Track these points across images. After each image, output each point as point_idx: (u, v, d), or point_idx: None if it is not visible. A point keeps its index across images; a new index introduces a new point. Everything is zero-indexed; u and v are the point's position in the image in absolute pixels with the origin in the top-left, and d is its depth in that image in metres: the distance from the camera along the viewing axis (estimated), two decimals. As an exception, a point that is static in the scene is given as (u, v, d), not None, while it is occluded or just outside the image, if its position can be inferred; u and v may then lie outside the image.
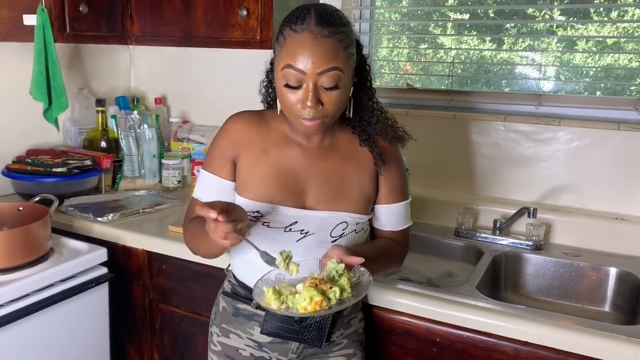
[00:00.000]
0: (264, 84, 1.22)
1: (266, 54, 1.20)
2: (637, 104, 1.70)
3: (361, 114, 1.19)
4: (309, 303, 0.97)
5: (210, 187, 1.20)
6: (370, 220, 1.25)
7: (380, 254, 1.22)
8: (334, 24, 1.04)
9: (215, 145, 1.22)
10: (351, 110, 1.16)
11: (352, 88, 1.12)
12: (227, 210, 0.98)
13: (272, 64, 1.18)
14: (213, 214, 0.96)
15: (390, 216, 1.25)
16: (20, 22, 1.75)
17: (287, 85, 1.06)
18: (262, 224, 1.14)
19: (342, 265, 1.03)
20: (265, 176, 1.16)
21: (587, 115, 1.76)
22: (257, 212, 1.14)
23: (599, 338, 1.15)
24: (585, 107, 1.78)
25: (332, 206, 1.16)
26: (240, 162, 1.19)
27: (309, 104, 1.04)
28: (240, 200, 1.17)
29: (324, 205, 1.16)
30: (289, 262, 1.04)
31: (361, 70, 1.16)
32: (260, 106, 1.27)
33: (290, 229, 1.14)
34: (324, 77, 1.03)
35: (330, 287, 0.99)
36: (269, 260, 1.05)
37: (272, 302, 1.00)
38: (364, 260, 1.04)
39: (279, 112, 1.15)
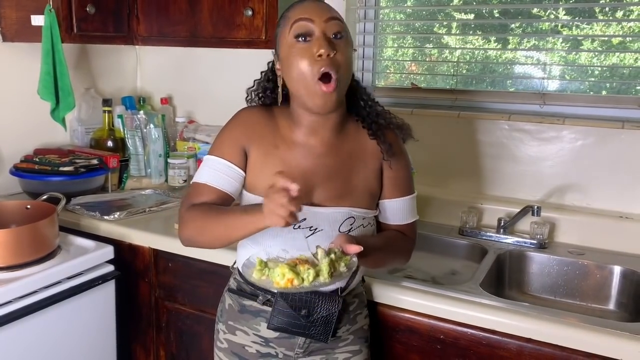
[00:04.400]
0: (262, 83, 1.25)
1: (271, 54, 1.21)
2: (642, 103, 1.70)
3: (362, 103, 1.22)
4: (282, 279, 0.99)
5: (219, 171, 1.18)
6: (376, 216, 1.26)
7: (388, 245, 1.23)
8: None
9: (227, 132, 1.21)
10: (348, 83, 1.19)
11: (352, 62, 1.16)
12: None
13: (271, 63, 1.21)
14: (295, 185, 0.95)
15: (395, 210, 1.25)
16: (28, 22, 1.77)
17: (299, 37, 1.09)
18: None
19: (322, 251, 1.05)
20: (274, 172, 1.17)
21: (591, 114, 1.76)
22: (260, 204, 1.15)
23: (603, 335, 1.15)
24: (589, 106, 1.78)
25: (337, 202, 1.17)
26: (252, 156, 1.19)
27: (322, 49, 1.06)
28: (250, 198, 1.18)
29: (330, 201, 1.17)
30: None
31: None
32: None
33: (300, 226, 1.14)
34: (330, 24, 1.09)
35: (308, 269, 1.00)
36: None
37: (255, 272, 1.03)
38: (362, 249, 1.04)
39: (281, 96, 1.18)
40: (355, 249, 1.04)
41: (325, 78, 1.08)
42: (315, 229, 1.15)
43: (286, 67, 1.12)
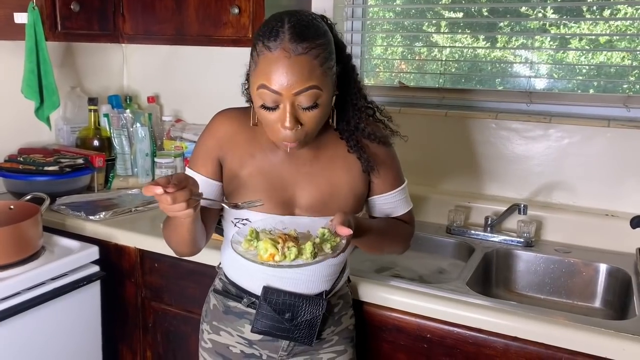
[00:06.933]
0: (246, 87, 1.16)
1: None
2: (627, 101, 1.70)
3: (348, 120, 1.15)
4: (265, 253, 0.99)
5: None
6: (370, 211, 1.25)
7: (386, 229, 1.21)
8: (309, 38, 0.97)
9: (201, 143, 1.18)
10: (334, 120, 1.12)
11: (334, 98, 1.08)
12: (173, 180, 0.92)
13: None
14: (159, 189, 0.89)
15: (388, 204, 1.23)
16: (11, 20, 1.74)
17: (264, 106, 1.01)
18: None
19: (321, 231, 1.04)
20: (252, 183, 1.13)
21: (577, 112, 1.77)
22: (246, 219, 1.13)
23: (587, 333, 1.16)
24: (575, 104, 1.78)
25: (321, 211, 1.14)
26: (226, 165, 1.15)
27: (287, 125, 0.99)
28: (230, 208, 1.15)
29: (313, 211, 1.14)
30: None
31: (345, 74, 1.11)
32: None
33: None
34: (301, 97, 0.98)
35: (292, 246, 0.99)
36: (234, 206, 1.05)
37: (244, 242, 1.02)
38: (351, 232, 1.00)
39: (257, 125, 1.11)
40: (345, 232, 1.00)
41: None
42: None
43: (254, 106, 1.05)
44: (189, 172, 1.17)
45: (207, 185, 1.15)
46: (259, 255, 0.99)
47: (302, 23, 0.99)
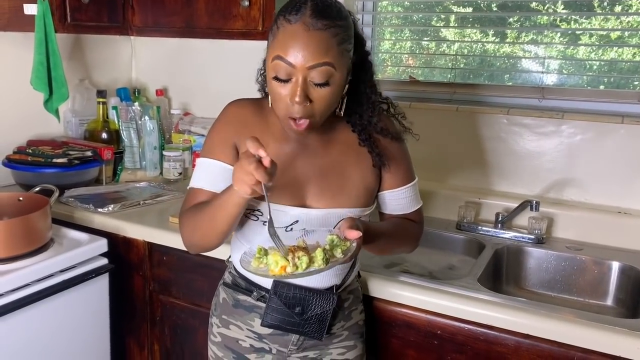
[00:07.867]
0: (261, 72, 1.18)
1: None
2: (642, 98, 1.69)
3: (361, 113, 1.15)
4: (275, 266, 0.98)
5: (214, 174, 1.14)
6: (380, 207, 1.24)
7: (394, 231, 1.21)
8: (330, 17, 1.00)
9: (216, 131, 1.17)
10: (342, 108, 1.13)
11: (347, 86, 1.09)
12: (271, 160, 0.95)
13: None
14: (263, 152, 0.93)
15: (398, 201, 1.23)
16: (20, 11, 1.74)
17: (276, 78, 1.02)
18: (263, 223, 1.12)
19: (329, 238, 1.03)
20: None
21: (590, 108, 1.75)
22: (257, 210, 1.13)
23: (601, 331, 1.15)
24: (588, 100, 1.77)
25: (332, 203, 1.13)
26: (241, 152, 1.15)
27: (297, 99, 1.00)
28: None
29: (325, 203, 1.13)
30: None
31: (362, 66, 1.12)
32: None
33: (292, 229, 1.12)
34: (314, 72, 0.99)
35: (302, 256, 0.98)
36: (271, 232, 1.03)
37: (254, 260, 1.02)
38: (361, 234, 1.01)
39: (270, 105, 1.12)
40: (354, 234, 1.01)
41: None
42: (308, 231, 1.12)
43: (267, 79, 1.06)
44: (204, 161, 1.16)
45: (225, 172, 1.13)
46: (270, 270, 0.98)
47: (325, 3, 1.02)
